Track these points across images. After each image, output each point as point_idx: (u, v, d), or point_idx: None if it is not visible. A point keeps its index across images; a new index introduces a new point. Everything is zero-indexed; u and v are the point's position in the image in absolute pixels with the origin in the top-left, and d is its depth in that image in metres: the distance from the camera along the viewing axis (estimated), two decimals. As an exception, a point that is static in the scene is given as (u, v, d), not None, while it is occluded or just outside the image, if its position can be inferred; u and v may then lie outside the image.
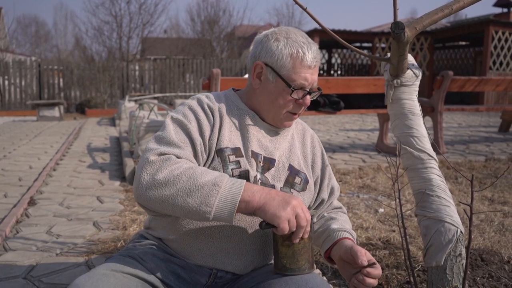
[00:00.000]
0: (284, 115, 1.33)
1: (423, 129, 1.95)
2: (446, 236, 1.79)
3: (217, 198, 1.07)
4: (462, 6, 1.69)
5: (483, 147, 6.29)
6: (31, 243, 2.61)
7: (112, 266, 1.16)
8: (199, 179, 1.09)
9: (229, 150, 1.28)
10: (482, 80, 5.81)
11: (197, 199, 1.07)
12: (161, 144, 1.20)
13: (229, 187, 1.09)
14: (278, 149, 1.37)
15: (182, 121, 1.26)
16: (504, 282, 2.02)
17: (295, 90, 1.28)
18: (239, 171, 1.27)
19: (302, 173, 1.39)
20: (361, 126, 9.30)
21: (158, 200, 1.10)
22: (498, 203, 3.49)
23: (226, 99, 1.38)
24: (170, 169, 1.11)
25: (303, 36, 1.32)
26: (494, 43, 12.81)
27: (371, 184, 4.01)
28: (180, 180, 1.09)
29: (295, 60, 1.27)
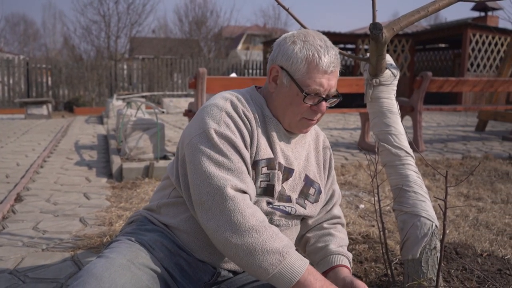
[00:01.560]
0: (299, 121, 1.25)
1: (401, 127, 1.98)
2: (422, 230, 1.82)
3: (276, 269, 1.04)
4: (438, 8, 1.72)
5: (460, 145, 6.39)
6: (17, 239, 2.57)
7: (126, 255, 1.12)
8: (270, 243, 1.05)
9: (264, 162, 1.23)
10: (459, 81, 5.89)
11: (260, 262, 1.05)
12: (223, 170, 1.12)
13: (292, 263, 1.05)
14: (297, 158, 1.33)
15: (229, 137, 1.16)
16: (477, 274, 2.06)
17: (308, 95, 1.20)
18: (266, 184, 1.23)
19: (316, 184, 1.36)
20: (344, 125, 9.37)
21: (222, 239, 1.08)
22: (473, 199, 3.55)
23: (255, 104, 1.29)
24: (247, 215, 1.07)
25: (322, 39, 1.24)
26: (472, 45, 13.00)
27: (353, 181, 4.04)
28: (251, 235, 1.05)
29: (310, 64, 1.19)
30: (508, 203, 3.42)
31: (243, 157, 1.17)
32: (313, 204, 1.35)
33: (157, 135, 4.66)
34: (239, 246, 1.05)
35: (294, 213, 1.30)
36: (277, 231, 1.10)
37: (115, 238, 1.28)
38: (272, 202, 1.26)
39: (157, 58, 16.50)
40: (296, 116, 1.24)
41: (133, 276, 1.07)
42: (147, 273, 1.12)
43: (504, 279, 2.03)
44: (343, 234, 1.46)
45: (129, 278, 1.05)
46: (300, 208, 1.32)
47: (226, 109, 1.20)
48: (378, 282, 2.02)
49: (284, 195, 1.28)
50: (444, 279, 2.02)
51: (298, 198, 1.31)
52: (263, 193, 1.24)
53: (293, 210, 1.30)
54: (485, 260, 2.25)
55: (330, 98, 1.26)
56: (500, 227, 2.81)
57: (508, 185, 4.02)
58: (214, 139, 1.15)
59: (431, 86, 5.69)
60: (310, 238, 1.42)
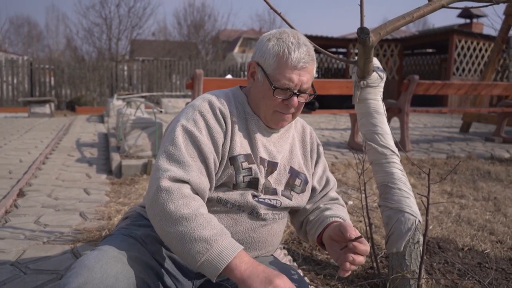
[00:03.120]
0: (272, 114, 1.26)
1: (387, 127, 1.99)
2: (406, 225, 1.83)
3: (204, 257, 1.02)
4: (422, 14, 1.73)
5: (445, 145, 6.43)
6: (19, 232, 2.56)
7: (118, 248, 1.12)
8: (198, 231, 1.03)
9: (242, 157, 1.23)
10: (445, 84, 5.92)
11: (188, 250, 1.03)
12: (171, 162, 1.13)
13: (219, 251, 1.02)
14: (280, 152, 1.33)
15: (192, 132, 1.18)
16: (457, 267, 2.08)
17: (276, 89, 1.21)
18: (249, 177, 1.24)
19: (302, 175, 1.35)
20: (335, 125, 9.39)
21: (158, 228, 1.08)
22: (456, 196, 3.58)
23: (235, 102, 1.31)
24: (178, 205, 1.06)
25: (296, 37, 1.23)
26: (458, 50, 13.06)
27: (342, 179, 4.06)
28: (181, 224, 1.04)
29: (280, 59, 1.20)
30: (489, 201, 3.45)
31: (201, 152, 1.17)
32: (299, 195, 1.34)
33: (155, 133, 4.66)
34: (171, 234, 1.05)
35: (279, 206, 1.30)
36: (209, 219, 1.07)
37: (110, 233, 1.29)
38: (258, 195, 1.26)
39: (157, 60, 16.45)
40: (268, 109, 1.25)
41: (125, 267, 1.07)
42: (139, 265, 1.12)
43: (483, 272, 2.05)
44: (341, 209, 1.42)
45: (120, 269, 1.05)
46: (285, 200, 1.31)
47: (200, 108, 1.22)
48: (364, 274, 2.03)
49: (269, 188, 1.28)
50: (427, 271, 2.04)
51: (284, 190, 1.31)
52: (247, 186, 1.25)
53: (278, 203, 1.30)
54: (466, 254, 2.28)
55: (302, 93, 1.25)
56: (481, 223, 2.84)
57: (489, 183, 4.05)
58: (177, 134, 1.17)
59: (418, 89, 5.72)
60: (309, 219, 1.39)
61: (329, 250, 1.25)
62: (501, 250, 2.36)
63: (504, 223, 2.86)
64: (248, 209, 1.25)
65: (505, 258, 2.25)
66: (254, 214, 1.27)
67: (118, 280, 1.03)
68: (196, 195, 1.13)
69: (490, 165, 4.91)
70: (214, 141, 1.20)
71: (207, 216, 1.08)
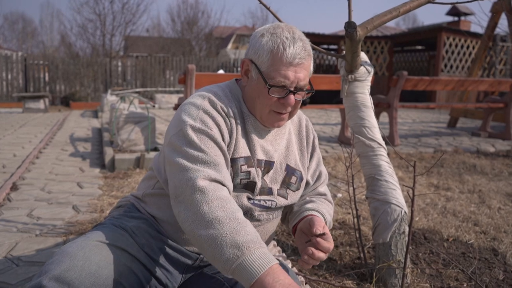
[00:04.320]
0: (268, 114, 1.17)
1: (374, 120, 1.99)
2: (392, 216, 1.84)
3: (234, 264, 0.93)
4: (408, 9, 1.73)
5: (433, 140, 6.47)
6: (11, 225, 2.54)
7: (104, 237, 1.09)
8: (230, 236, 0.95)
9: (242, 160, 1.17)
10: (432, 80, 5.95)
11: (219, 256, 0.95)
12: (198, 163, 1.05)
13: (252, 260, 0.93)
14: (277, 150, 1.26)
15: (205, 131, 1.10)
16: (442, 257, 2.10)
17: (272, 87, 1.12)
18: (247, 181, 1.18)
19: (297, 172, 1.29)
20: (326, 120, 9.41)
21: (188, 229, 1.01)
22: (442, 189, 3.60)
23: (234, 100, 1.22)
24: (213, 206, 0.99)
25: (291, 31, 1.14)
26: (446, 48, 13.11)
27: (332, 172, 4.07)
28: (213, 227, 0.97)
29: (275, 56, 1.11)
30: (474, 193, 3.48)
31: (221, 150, 1.11)
32: (294, 192, 1.30)
33: (148, 127, 4.63)
34: (203, 237, 0.97)
35: (275, 207, 1.26)
36: (244, 225, 0.99)
37: (100, 222, 1.26)
38: (253, 198, 1.22)
39: (151, 56, 16.34)
40: (264, 108, 1.16)
41: (109, 255, 1.04)
42: (125, 255, 1.09)
43: (467, 262, 2.07)
44: (325, 204, 1.35)
45: (104, 256, 1.03)
46: (281, 199, 1.27)
47: (204, 107, 1.14)
48: (352, 264, 2.04)
49: (265, 188, 1.23)
50: (412, 261, 2.05)
51: (280, 189, 1.26)
52: (243, 188, 1.20)
53: (273, 204, 1.25)
54: (450, 244, 2.30)
55: (299, 91, 1.15)
56: (466, 215, 2.86)
57: (474, 176, 4.09)
58: (190, 135, 1.09)
59: (407, 85, 5.74)
60: (292, 209, 1.35)
61: (297, 241, 1.21)
62: (485, 241, 2.38)
63: (488, 215, 2.89)
64: (243, 210, 1.21)
65: (488, 248, 2.27)
66: (249, 215, 1.22)
67: (101, 267, 1.01)
68: (231, 197, 1.06)
69: (476, 159, 4.95)
70: (224, 139, 1.14)
71: (242, 221, 1.00)
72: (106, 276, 1.01)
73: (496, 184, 3.80)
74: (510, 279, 1.91)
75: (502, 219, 2.80)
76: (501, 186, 3.71)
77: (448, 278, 1.90)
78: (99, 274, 1.00)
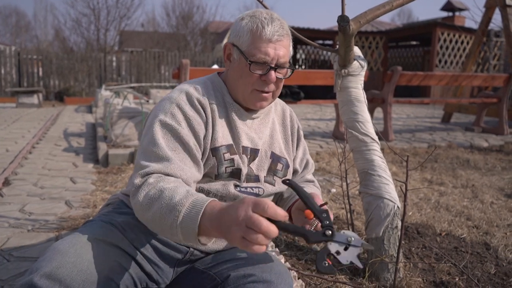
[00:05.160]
0: (251, 93, 1.21)
1: (367, 115, 1.99)
2: (385, 210, 1.84)
3: (178, 225, 0.95)
4: (402, 3, 1.72)
5: (427, 135, 6.49)
6: (3, 220, 2.52)
7: (95, 233, 1.09)
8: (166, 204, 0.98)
9: (224, 148, 1.20)
10: (426, 75, 5.95)
11: (166, 226, 0.98)
12: (149, 159, 1.10)
13: (188, 212, 0.94)
14: (261, 138, 1.29)
15: (171, 125, 1.13)
16: (435, 252, 2.10)
17: (252, 63, 1.16)
18: (232, 169, 1.21)
19: (283, 159, 1.32)
20: (321, 116, 9.40)
21: (143, 221, 1.06)
22: (436, 184, 3.61)
23: (214, 91, 1.26)
24: (147, 190, 1.03)
25: (269, 13, 1.21)
26: (440, 43, 13.13)
27: (326, 167, 4.07)
28: (152, 205, 1.00)
29: (254, 34, 1.17)
30: (467, 188, 3.49)
31: (185, 144, 1.13)
32: (282, 179, 1.31)
33: (142, 123, 4.60)
34: (150, 219, 1.01)
35: (263, 194, 1.28)
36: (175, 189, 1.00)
37: (90, 219, 1.26)
38: (240, 185, 1.23)
39: (145, 51, 16.22)
40: (247, 87, 1.20)
41: (100, 252, 1.04)
42: (115, 251, 1.09)
43: (459, 256, 2.08)
44: (315, 189, 1.39)
45: (95, 253, 1.03)
46: (269, 186, 1.29)
47: (178, 101, 1.18)
48: (344, 259, 2.04)
49: (252, 176, 1.26)
50: (405, 256, 2.05)
51: (267, 176, 1.28)
52: (230, 176, 1.22)
53: (261, 191, 1.27)
54: (443, 239, 2.30)
55: (280, 68, 1.19)
56: (459, 209, 2.87)
57: (468, 171, 4.10)
58: (155, 130, 1.13)
59: (401, 80, 5.74)
60: (283, 196, 1.37)
61: (295, 219, 1.21)
62: (477, 235, 2.39)
63: (480, 209, 2.90)
64: (230, 199, 1.23)
65: (480, 242, 2.28)
66: None
67: (92, 264, 1.00)
68: (166, 176, 1.07)
69: (469, 154, 4.97)
70: (195, 132, 1.16)
71: (173, 187, 1.01)
72: (98, 272, 1.00)
73: (489, 178, 3.82)
74: (501, 273, 1.91)
75: (494, 214, 2.81)
76: (494, 181, 3.73)
77: (440, 272, 1.90)
78: (90, 271, 0.99)
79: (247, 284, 1.05)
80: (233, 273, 1.10)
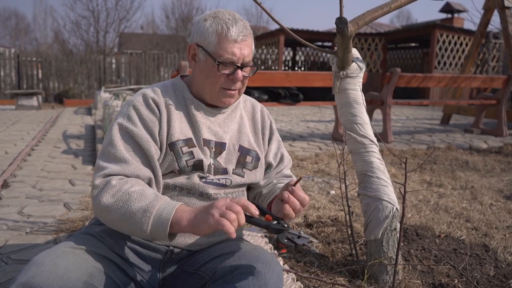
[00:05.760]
0: (219, 92, 1.26)
1: (366, 117, 1.98)
2: (384, 212, 1.83)
3: (149, 225, 1.04)
4: (400, 5, 1.72)
5: (426, 137, 6.49)
6: (1, 223, 2.51)
7: (72, 244, 1.11)
8: (135, 206, 1.06)
9: (181, 142, 1.23)
10: (425, 77, 5.96)
11: (135, 226, 1.06)
12: (108, 161, 1.16)
13: (159, 213, 1.04)
14: (227, 132, 1.33)
15: (127, 127, 1.19)
16: (434, 253, 2.10)
17: (221, 64, 1.21)
18: (193, 161, 1.23)
19: (252, 151, 1.35)
20: (320, 117, 9.40)
21: (105, 221, 1.12)
22: (435, 185, 3.61)
23: (174, 90, 1.31)
24: (112, 193, 1.09)
25: (231, 14, 1.26)
26: (439, 45, 13.13)
27: (325, 169, 4.06)
28: (118, 207, 1.07)
29: (220, 35, 1.21)
30: (466, 189, 3.49)
31: (138, 144, 1.19)
32: (252, 171, 1.34)
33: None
34: (116, 220, 1.08)
35: (230, 184, 1.29)
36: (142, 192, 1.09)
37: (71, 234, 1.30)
38: (205, 177, 1.25)
39: (145, 53, 16.23)
40: (214, 87, 1.25)
41: (77, 259, 1.05)
42: (94, 257, 1.10)
43: (458, 258, 2.08)
44: None
45: (71, 260, 1.04)
46: (237, 177, 1.31)
47: (134, 103, 1.24)
48: (344, 261, 2.03)
49: (220, 168, 1.28)
50: (404, 258, 2.05)
51: (236, 169, 1.31)
52: (193, 170, 1.25)
53: (228, 182, 1.28)
54: (442, 241, 2.30)
55: (245, 67, 1.26)
56: (458, 211, 2.87)
57: (467, 173, 4.10)
58: (113, 134, 1.19)
59: (400, 81, 5.74)
60: (262, 192, 1.40)
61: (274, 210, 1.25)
62: (476, 237, 2.39)
63: (479, 211, 2.90)
64: (197, 191, 1.25)
65: (479, 244, 2.28)
66: (204, 195, 1.25)
67: (69, 270, 1.01)
68: (128, 178, 1.14)
69: (469, 155, 4.97)
70: (149, 130, 1.21)
71: (140, 190, 1.09)
72: (76, 278, 1.01)
73: (488, 180, 3.81)
74: (500, 275, 1.91)
75: (493, 215, 2.80)
76: (493, 183, 3.73)
77: (439, 274, 1.90)
78: (67, 277, 0.99)
79: (235, 276, 1.06)
80: (220, 268, 1.10)
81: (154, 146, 1.21)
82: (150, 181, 1.19)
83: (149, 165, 1.19)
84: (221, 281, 1.07)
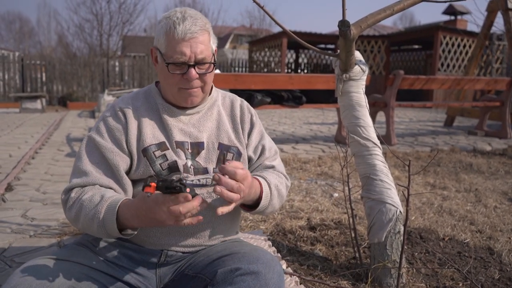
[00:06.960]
0: (178, 92, 1.25)
1: (369, 120, 1.98)
2: (387, 215, 1.83)
3: (104, 230, 1.10)
4: (403, 7, 1.72)
5: (430, 139, 6.47)
6: (5, 226, 2.52)
7: (58, 254, 1.13)
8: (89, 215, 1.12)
9: (154, 146, 1.24)
10: (429, 79, 5.94)
11: (98, 231, 1.12)
12: (73, 175, 1.21)
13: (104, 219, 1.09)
14: (204, 131, 1.31)
15: (94, 138, 1.23)
16: (438, 257, 2.09)
17: (169, 64, 1.20)
18: (167, 163, 1.23)
19: (233, 148, 1.33)
20: (323, 120, 9.39)
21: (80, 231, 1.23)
22: (439, 188, 3.59)
23: (145, 96, 1.32)
24: (69, 207, 1.17)
25: (183, 12, 1.22)
26: (443, 47, 13.11)
27: (328, 172, 4.06)
28: (79, 217, 1.14)
29: (168, 36, 1.20)
30: (470, 192, 3.47)
31: (103, 155, 1.22)
32: None
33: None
34: (84, 229, 1.16)
35: (211, 183, 1.27)
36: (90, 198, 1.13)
37: None
38: (184, 178, 1.24)
39: (148, 56, 16.28)
40: (172, 87, 1.25)
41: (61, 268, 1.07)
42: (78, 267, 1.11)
43: (463, 261, 2.06)
44: (270, 173, 1.36)
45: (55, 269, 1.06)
46: None
47: (104, 115, 1.28)
48: (347, 264, 2.03)
49: (200, 168, 1.27)
50: (408, 261, 2.04)
51: (216, 167, 1.29)
52: (169, 172, 1.24)
53: (208, 181, 1.27)
54: (446, 243, 2.29)
55: (200, 64, 1.22)
56: (462, 214, 2.85)
57: (471, 175, 4.08)
58: (82, 146, 1.25)
59: (403, 84, 5.73)
60: None
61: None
62: (480, 240, 2.38)
63: (484, 214, 2.88)
64: None
65: (484, 247, 2.26)
66: None
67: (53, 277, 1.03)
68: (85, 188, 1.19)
69: (472, 157, 4.95)
70: (116, 140, 1.24)
71: (89, 197, 1.14)
72: (59, 285, 1.02)
73: (493, 182, 3.80)
74: (505, 278, 1.90)
75: (498, 218, 2.79)
76: (497, 185, 3.71)
77: (443, 277, 1.89)
78: (50, 284, 1.01)
79: (235, 277, 1.05)
80: (220, 270, 1.10)
81: (121, 155, 1.23)
82: (112, 189, 1.21)
83: (113, 175, 1.21)
84: (222, 283, 1.06)
